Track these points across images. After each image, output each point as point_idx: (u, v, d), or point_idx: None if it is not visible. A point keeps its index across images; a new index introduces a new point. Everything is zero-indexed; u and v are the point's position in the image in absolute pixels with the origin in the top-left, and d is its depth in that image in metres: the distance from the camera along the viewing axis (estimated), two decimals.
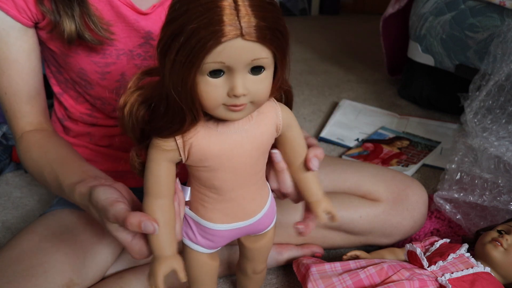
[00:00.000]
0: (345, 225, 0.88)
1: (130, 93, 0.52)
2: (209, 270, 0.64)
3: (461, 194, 1.00)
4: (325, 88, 1.85)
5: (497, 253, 0.77)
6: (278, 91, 0.55)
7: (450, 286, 0.72)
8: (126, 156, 0.58)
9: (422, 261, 0.77)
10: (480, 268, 0.76)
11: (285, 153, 0.61)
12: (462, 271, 0.75)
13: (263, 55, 0.46)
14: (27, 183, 1.20)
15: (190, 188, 0.58)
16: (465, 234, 0.98)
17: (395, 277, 0.74)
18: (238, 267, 0.73)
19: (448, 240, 0.85)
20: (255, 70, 0.47)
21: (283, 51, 0.48)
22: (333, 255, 0.94)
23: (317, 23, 2.91)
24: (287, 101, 0.59)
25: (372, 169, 0.96)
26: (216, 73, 0.46)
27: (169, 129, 0.50)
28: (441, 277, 0.74)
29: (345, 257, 0.85)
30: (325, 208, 0.61)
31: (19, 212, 1.10)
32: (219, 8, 0.43)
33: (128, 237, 0.55)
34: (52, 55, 0.78)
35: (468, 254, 0.79)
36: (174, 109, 0.48)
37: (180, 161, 0.54)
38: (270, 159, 0.60)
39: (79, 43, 0.72)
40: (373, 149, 1.36)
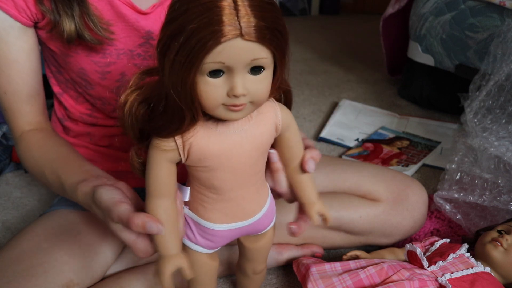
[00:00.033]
0: (345, 225, 0.88)
1: (130, 92, 0.52)
2: (208, 270, 0.64)
3: (461, 194, 1.00)
4: (325, 88, 1.85)
5: (497, 253, 0.77)
6: (277, 91, 0.55)
7: (450, 286, 0.72)
8: (126, 156, 0.58)
9: (422, 261, 0.77)
10: (480, 268, 0.76)
11: (282, 153, 0.61)
12: (462, 271, 0.75)
13: (263, 55, 0.46)
14: (27, 183, 1.20)
15: (189, 188, 0.58)
16: (465, 234, 0.98)
17: (395, 277, 0.74)
18: (238, 267, 0.73)
19: (448, 240, 0.85)
20: (255, 70, 0.47)
21: (282, 51, 0.48)
22: (333, 255, 0.94)
23: (317, 23, 2.91)
24: (287, 101, 0.59)
25: (372, 169, 0.96)
26: (215, 73, 0.46)
27: (168, 129, 0.51)
28: (441, 277, 0.74)
29: (345, 257, 0.85)
30: (318, 210, 0.61)
31: (19, 212, 1.10)
32: (218, 8, 0.43)
33: (132, 237, 0.55)
34: (52, 55, 0.78)
35: (468, 254, 0.79)
36: (173, 108, 0.48)
37: (180, 161, 0.54)
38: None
39: (79, 43, 0.72)
40: (373, 149, 1.36)
